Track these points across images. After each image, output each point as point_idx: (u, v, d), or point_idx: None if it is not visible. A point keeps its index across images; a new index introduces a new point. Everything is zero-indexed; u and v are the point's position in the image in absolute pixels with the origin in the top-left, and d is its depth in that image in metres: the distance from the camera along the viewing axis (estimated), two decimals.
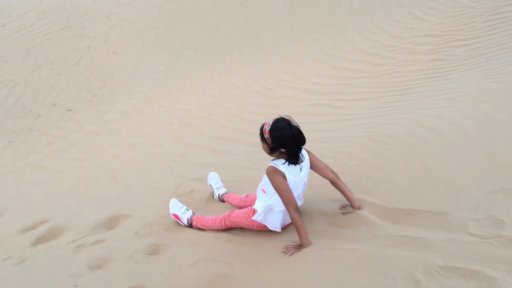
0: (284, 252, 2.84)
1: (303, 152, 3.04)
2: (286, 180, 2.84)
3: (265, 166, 2.87)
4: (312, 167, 3.10)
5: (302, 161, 2.98)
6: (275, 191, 2.88)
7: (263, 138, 2.91)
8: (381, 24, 8.95)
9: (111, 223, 4.01)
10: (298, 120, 5.64)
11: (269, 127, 2.83)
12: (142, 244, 3.43)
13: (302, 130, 2.87)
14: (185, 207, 3.60)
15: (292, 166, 2.89)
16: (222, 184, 3.98)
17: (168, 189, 4.38)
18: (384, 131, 4.32)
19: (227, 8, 12.34)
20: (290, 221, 3.03)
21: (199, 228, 3.46)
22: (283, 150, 2.84)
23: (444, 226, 2.54)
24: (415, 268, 2.18)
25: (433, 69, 6.42)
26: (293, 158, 2.88)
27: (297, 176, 2.92)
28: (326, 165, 3.13)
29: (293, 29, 10.36)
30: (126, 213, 4.10)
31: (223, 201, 3.86)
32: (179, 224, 3.57)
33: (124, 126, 7.59)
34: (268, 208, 3.03)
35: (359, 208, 3.01)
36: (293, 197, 2.82)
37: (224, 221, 3.30)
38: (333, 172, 3.13)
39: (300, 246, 2.83)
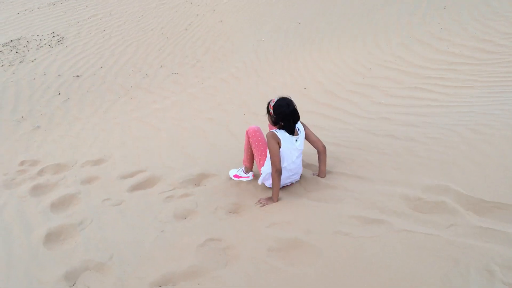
0: (257, 204, 3.53)
1: (300, 126, 3.68)
2: (281, 147, 3.48)
3: (357, 143, 2.92)
4: (307, 139, 3.73)
5: (298, 134, 3.61)
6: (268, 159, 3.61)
7: (268, 112, 3.55)
8: (499, 10, 8.27)
9: (199, 179, 4.29)
10: (393, 102, 5.54)
11: (273, 103, 3.48)
12: (224, 202, 3.65)
13: (397, 112, 2.97)
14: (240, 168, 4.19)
15: (288, 137, 3.52)
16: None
17: None
18: (484, 121, 4.08)
19: None
20: (285, 184, 3.71)
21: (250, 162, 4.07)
22: (282, 123, 3.48)
23: None
24: (492, 260, 2.12)
25: None
26: (289, 131, 3.52)
27: (292, 145, 3.55)
28: (319, 139, 3.75)
29: (403, 10, 9.94)
30: (214, 172, 4.36)
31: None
32: (242, 180, 4.09)
33: (222, 93, 7.89)
34: (268, 176, 3.68)
35: (323, 177, 3.77)
36: (279, 161, 3.45)
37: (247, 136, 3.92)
38: (323, 146, 3.75)
39: (270, 199, 3.54)
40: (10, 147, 6.32)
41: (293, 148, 3.55)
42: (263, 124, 4.71)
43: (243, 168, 4.13)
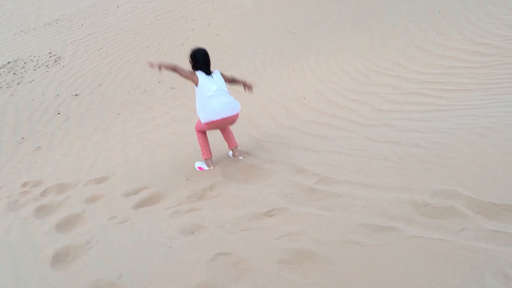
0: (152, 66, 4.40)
1: (216, 71, 4.67)
2: (199, 81, 4.48)
3: (362, 150, 3.06)
4: (225, 79, 4.77)
5: (212, 73, 4.60)
6: (197, 95, 4.59)
7: (189, 61, 4.65)
8: (494, 13, 8.33)
9: (204, 193, 4.27)
10: (394, 108, 5.55)
11: (190, 52, 4.64)
12: (232, 215, 3.63)
13: (398, 119, 2.95)
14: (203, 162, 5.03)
15: (205, 75, 4.53)
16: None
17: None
18: (486, 123, 4.08)
19: None
20: (220, 118, 4.54)
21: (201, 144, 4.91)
22: (197, 65, 4.56)
23: None
24: (505, 263, 2.10)
25: None
26: (203, 68, 4.55)
27: (209, 78, 4.54)
28: (231, 74, 4.97)
29: (399, 16, 10.01)
30: (218, 186, 4.35)
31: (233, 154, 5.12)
32: (205, 169, 4.89)
33: None
34: (201, 107, 4.55)
35: (250, 86, 4.92)
36: (187, 74, 4.49)
37: (196, 126, 4.90)
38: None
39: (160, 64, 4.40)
40: (12, 169, 6.31)
41: (210, 82, 4.53)
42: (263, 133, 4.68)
43: (204, 161, 4.99)
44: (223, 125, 4.72)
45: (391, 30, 9.45)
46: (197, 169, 4.97)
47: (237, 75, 4.62)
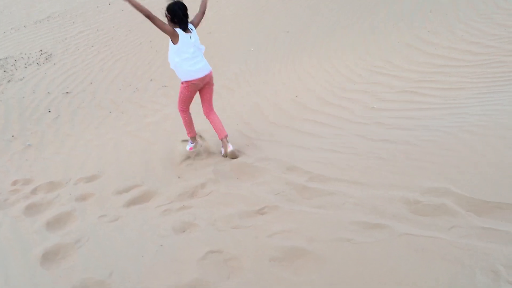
0: None
1: (191, 26, 4.66)
2: (179, 41, 4.50)
3: (353, 148, 3.25)
4: (196, 21, 4.80)
5: (191, 32, 4.61)
6: (171, 49, 4.65)
7: (166, 16, 4.53)
8: (485, 11, 8.38)
9: (196, 191, 4.25)
10: (385, 106, 5.56)
11: (166, 7, 4.48)
12: (223, 213, 3.61)
13: (390, 117, 2.96)
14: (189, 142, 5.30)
15: (184, 34, 4.51)
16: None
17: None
18: (478, 122, 4.10)
19: None
20: (202, 75, 4.77)
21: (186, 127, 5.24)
22: (175, 19, 4.46)
23: None
24: (496, 260, 2.11)
25: None
26: (181, 23, 4.49)
27: (187, 40, 4.55)
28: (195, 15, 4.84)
29: (390, 15, 10.04)
30: (210, 184, 4.33)
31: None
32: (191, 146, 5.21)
33: (214, 104, 7.86)
34: (174, 65, 4.73)
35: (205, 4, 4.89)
36: (166, 29, 4.43)
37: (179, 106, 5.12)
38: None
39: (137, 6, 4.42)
40: (2, 167, 6.24)
41: (188, 44, 4.57)
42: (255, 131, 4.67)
43: (190, 140, 5.26)
44: (202, 83, 4.87)
45: (383, 29, 9.47)
46: (189, 150, 5.24)
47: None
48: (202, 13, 4.88)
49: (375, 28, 9.67)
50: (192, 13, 4.64)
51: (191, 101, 5.12)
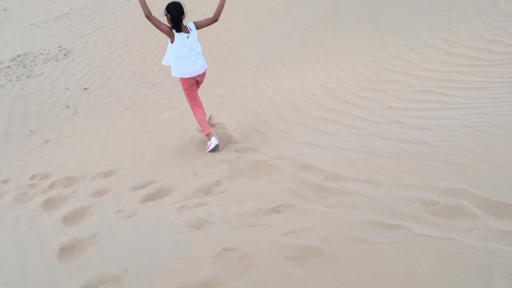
0: None
1: (192, 26, 4.90)
2: (175, 40, 4.77)
3: (369, 147, 3.34)
4: (200, 27, 5.00)
5: (189, 32, 4.85)
6: (168, 46, 4.93)
7: (166, 15, 4.77)
8: (506, 10, 8.23)
9: (211, 188, 4.26)
10: (403, 105, 5.52)
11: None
12: (238, 210, 3.62)
13: (407, 116, 2.94)
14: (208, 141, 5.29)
15: (180, 34, 4.77)
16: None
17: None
18: (497, 122, 4.03)
19: None
20: (195, 74, 5.08)
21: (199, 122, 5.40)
22: (172, 19, 4.67)
23: None
24: None
25: None
26: (176, 23, 4.72)
27: (183, 40, 4.80)
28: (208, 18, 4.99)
29: (408, 13, 9.92)
30: (225, 181, 4.33)
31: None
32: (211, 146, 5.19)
33: (229, 101, 7.89)
34: (169, 62, 4.97)
35: (219, 12, 4.98)
36: (163, 29, 4.73)
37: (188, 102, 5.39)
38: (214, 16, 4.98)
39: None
40: (20, 162, 6.34)
41: (184, 43, 4.80)
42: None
43: (207, 138, 5.28)
44: (195, 78, 5.20)
45: (400, 26, 9.37)
46: (208, 152, 5.26)
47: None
48: (212, 20, 5.02)
49: (392, 25, 9.58)
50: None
51: (196, 91, 5.41)
